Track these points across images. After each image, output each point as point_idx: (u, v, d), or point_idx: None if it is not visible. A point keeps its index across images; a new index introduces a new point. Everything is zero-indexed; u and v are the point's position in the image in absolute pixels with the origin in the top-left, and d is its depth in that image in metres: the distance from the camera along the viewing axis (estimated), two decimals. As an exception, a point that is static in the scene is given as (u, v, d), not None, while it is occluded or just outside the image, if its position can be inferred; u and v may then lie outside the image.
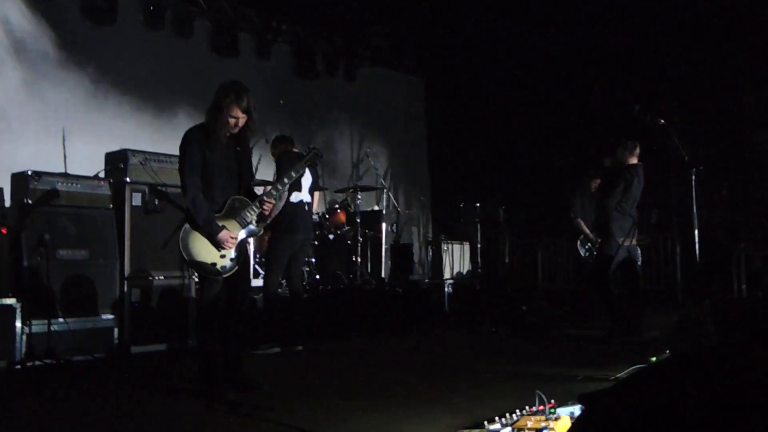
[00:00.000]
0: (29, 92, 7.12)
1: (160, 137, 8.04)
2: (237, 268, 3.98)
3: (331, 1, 9.35)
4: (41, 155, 6.89)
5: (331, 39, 10.28)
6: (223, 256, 3.93)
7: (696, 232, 5.32)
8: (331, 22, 9.93)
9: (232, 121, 3.96)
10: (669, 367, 1.76)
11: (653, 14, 9.28)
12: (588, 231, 7.52)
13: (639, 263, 6.61)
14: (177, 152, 4.07)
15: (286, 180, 4.23)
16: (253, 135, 4.17)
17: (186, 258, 3.90)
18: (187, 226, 3.90)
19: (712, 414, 1.37)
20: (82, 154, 7.06)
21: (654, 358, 4.46)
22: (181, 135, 4.07)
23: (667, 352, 4.68)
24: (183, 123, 7.71)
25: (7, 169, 5.87)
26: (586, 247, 7.66)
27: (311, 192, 6.03)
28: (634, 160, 6.46)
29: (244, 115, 3.97)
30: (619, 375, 4.16)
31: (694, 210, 5.33)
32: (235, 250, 3.97)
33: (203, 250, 3.89)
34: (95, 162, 6.39)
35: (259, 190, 4.48)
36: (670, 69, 9.45)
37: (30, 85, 7.15)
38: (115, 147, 6.15)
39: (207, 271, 3.91)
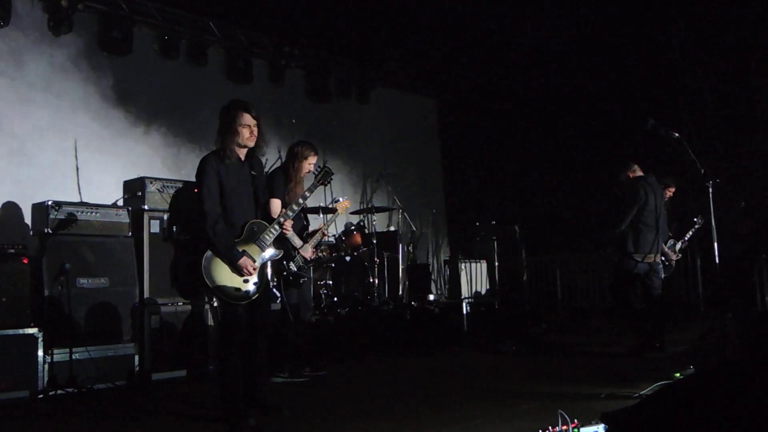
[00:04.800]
0: (46, 123, 7.24)
1: (177, 164, 8.15)
2: (260, 292, 4.01)
3: (343, 25, 9.45)
4: (60, 185, 7.00)
5: (344, 62, 10.38)
6: (246, 281, 3.96)
7: (715, 245, 5.26)
8: (343, 45, 10.04)
9: (245, 131, 4.00)
10: (694, 384, 1.73)
11: (667, 27, 9.28)
12: (661, 242, 7.39)
13: (661, 277, 6.52)
14: (194, 179, 4.12)
15: (301, 200, 4.26)
16: (265, 146, 4.21)
17: (209, 284, 3.92)
18: (209, 253, 3.93)
19: (740, 430, 1.35)
20: (100, 183, 7.18)
21: (678, 374, 4.39)
22: (196, 162, 4.12)
23: (691, 367, 4.61)
24: (199, 150, 7.81)
25: (28, 199, 5.97)
26: (662, 258, 7.48)
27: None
28: (637, 175, 6.46)
29: (255, 122, 4.02)
30: (643, 392, 4.10)
31: (713, 223, 5.28)
32: (257, 275, 3.99)
33: (226, 276, 3.92)
34: (113, 190, 6.48)
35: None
36: (685, 81, 9.42)
37: (47, 116, 7.27)
38: (132, 175, 6.24)
39: (231, 296, 3.93)
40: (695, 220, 7.45)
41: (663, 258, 7.21)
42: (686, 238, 7.46)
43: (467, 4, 9.49)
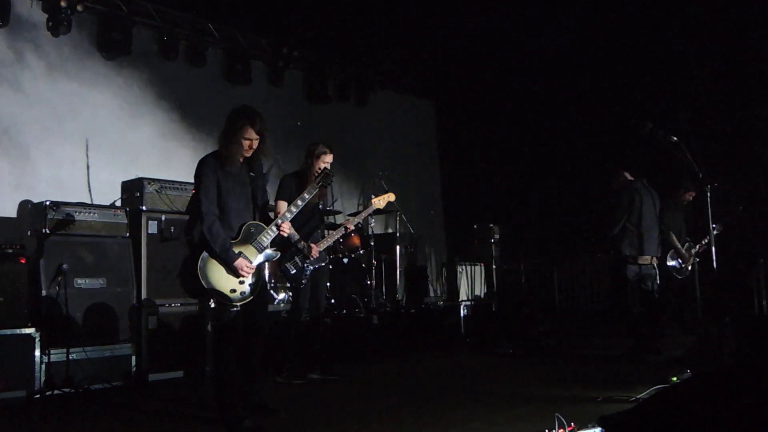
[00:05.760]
0: (43, 123, 7.23)
1: (175, 165, 8.13)
2: (255, 293, 4.00)
3: (341, 27, 9.46)
4: (59, 186, 6.99)
5: (343, 64, 10.38)
6: (241, 282, 3.95)
7: (713, 249, 5.27)
8: (342, 47, 10.04)
9: (246, 143, 4.01)
10: (690, 388, 1.74)
11: (665, 31, 9.30)
12: (678, 245, 7.41)
13: (657, 281, 6.53)
14: (192, 180, 4.12)
15: (299, 202, 4.25)
16: (266, 158, 4.22)
17: (205, 285, 3.92)
18: (205, 254, 3.93)
19: (736, 434, 1.35)
20: (98, 183, 7.18)
21: (675, 378, 4.40)
22: (195, 163, 4.12)
23: (688, 371, 4.61)
24: (197, 151, 7.81)
25: (28, 199, 5.97)
26: (678, 261, 7.50)
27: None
28: (629, 180, 6.49)
29: (257, 137, 4.03)
30: (639, 396, 4.11)
31: (711, 227, 5.29)
32: (253, 276, 3.99)
33: (222, 277, 3.92)
34: (111, 191, 6.48)
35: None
36: (683, 85, 9.43)
37: (48, 116, 7.27)
38: (130, 176, 6.23)
39: (226, 297, 3.92)
40: (713, 226, 7.47)
41: (680, 261, 7.27)
42: (703, 243, 7.46)
43: (465, 6, 9.50)
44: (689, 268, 7.50)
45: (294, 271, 5.36)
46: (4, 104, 6.95)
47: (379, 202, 5.80)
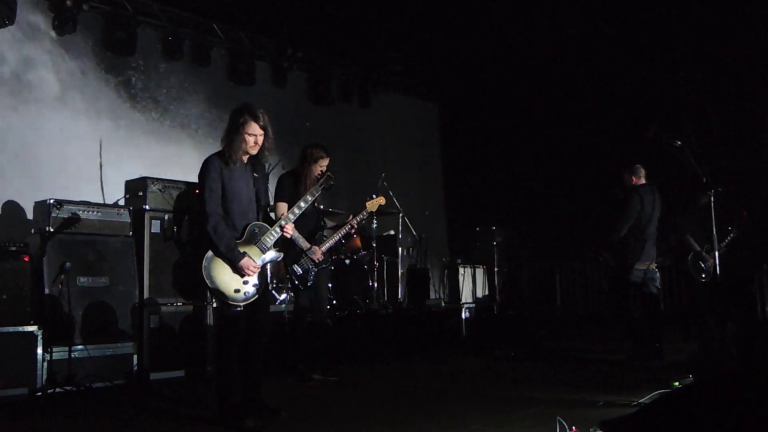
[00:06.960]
0: (48, 121, 7.25)
1: (179, 165, 8.14)
2: (260, 294, 4.01)
3: (345, 28, 9.48)
4: (63, 184, 7.00)
5: (346, 66, 10.40)
6: (245, 282, 3.96)
7: (716, 253, 5.26)
8: (346, 49, 10.06)
9: (251, 139, 4.02)
10: (692, 393, 1.74)
11: (669, 34, 9.30)
12: (697, 247, 7.39)
13: (657, 286, 6.53)
14: (196, 179, 4.12)
15: (302, 204, 4.25)
16: (270, 154, 4.22)
17: (209, 285, 3.92)
18: (209, 253, 3.93)
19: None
20: (103, 182, 7.19)
21: (677, 383, 4.39)
22: (199, 163, 4.13)
23: (691, 376, 4.61)
24: (202, 151, 7.82)
25: (32, 198, 5.99)
26: (700, 263, 7.47)
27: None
28: (641, 182, 6.47)
29: (261, 132, 4.03)
30: (641, 400, 4.10)
31: (714, 231, 5.29)
32: (258, 277, 4.00)
33: (226, 277, 3.93)
34: (115, 190, 6.48)
35: None
36: (687, 88, 9.43)
37: (48, 114, 7.28)
38: (134, 175, 6.24)
39: (230, 297, 3.93)
40: (729, 228, 7.48)
41: (701, 263, 7.25)
42: (722, 245, 7.46)
43: (469, 8, 9.51)
44: (710, 270, 7.50)
45: (301, 272, 5.39)
46: (9, 104, 6.97)
47: (372, 205, 5.88)
